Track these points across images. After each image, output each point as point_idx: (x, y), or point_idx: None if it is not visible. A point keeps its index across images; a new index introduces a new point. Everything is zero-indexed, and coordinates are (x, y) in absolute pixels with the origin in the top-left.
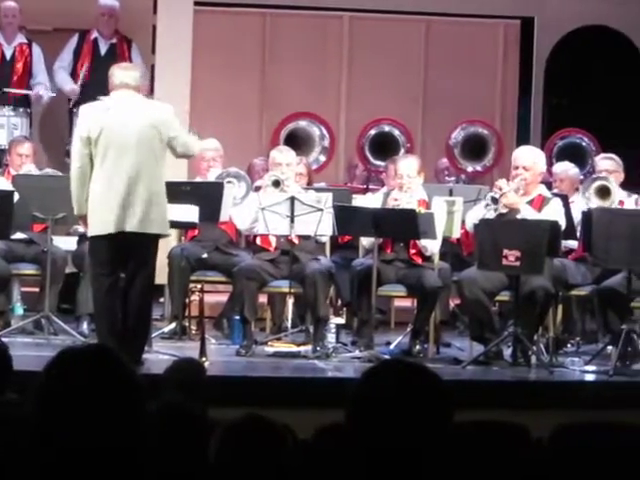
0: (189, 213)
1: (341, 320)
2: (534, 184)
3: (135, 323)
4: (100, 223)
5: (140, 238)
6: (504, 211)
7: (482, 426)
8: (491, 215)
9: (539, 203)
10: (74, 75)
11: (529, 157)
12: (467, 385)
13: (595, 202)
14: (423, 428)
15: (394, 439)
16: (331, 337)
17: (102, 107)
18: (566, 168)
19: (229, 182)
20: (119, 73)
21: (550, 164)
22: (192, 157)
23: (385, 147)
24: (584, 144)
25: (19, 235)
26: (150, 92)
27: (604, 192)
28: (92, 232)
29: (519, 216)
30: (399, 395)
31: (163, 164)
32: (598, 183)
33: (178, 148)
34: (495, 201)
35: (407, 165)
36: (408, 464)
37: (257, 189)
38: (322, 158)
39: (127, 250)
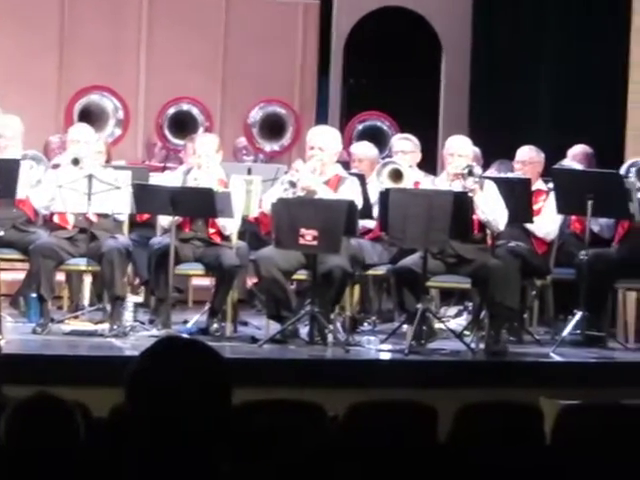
0: None
1: (139, 298)
2: (330, 164)
3: None
4: None
5: None
6: (302, 194)
7: (277, 404)
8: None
9: (335, 183)
10: None
11: (324, 137)
12: (264, 364)
13: (389, 185)
14: (201, 406)
15: (173, 418)
16: (128, 315)
17: None
18: (365, 149)
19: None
20: None
21: (350, 145)
22: None
23: (184, 125)
24: (385, 127)
25: None
26: None
27: (397, 175)
28: None
29: (317, 197)
30: (175, 373)
31: None
32: (390, 167)
33: None
34: (293, 185)
35: (205, 143)
36: (191, 442)
37: (55, 167)
38: (117, 131)
39: None
